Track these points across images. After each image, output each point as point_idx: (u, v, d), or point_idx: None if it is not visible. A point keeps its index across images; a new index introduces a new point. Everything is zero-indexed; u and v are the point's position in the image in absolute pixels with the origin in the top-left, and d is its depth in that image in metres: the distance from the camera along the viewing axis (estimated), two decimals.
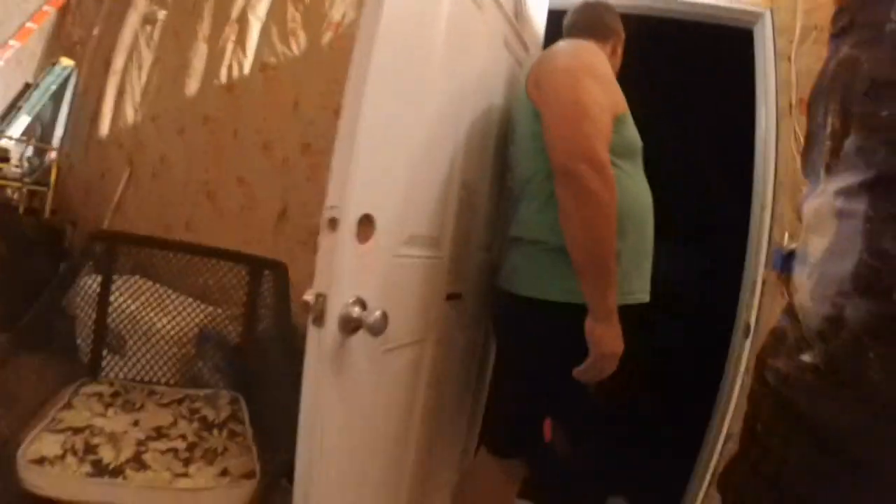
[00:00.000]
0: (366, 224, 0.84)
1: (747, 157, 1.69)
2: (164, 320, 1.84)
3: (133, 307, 1.81)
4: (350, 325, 0.82)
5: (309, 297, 0.80)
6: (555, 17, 1.55)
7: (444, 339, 1.23)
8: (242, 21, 2.59)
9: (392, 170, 0.91)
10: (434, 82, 1.01)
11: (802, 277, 0.63)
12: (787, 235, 1.54)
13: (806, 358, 0.59)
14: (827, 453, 0.57)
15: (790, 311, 0.66)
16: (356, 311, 0.82)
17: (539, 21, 1.61)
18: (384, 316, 0.82)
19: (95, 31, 4.05)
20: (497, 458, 1.26)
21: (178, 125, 2.85)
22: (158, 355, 1.77)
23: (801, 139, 1.36)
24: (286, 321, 1.61)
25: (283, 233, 2.18)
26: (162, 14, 3.27)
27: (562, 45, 1.19)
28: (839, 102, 0.62)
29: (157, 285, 1.89)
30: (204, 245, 1.99)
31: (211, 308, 1.89)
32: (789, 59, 1.62)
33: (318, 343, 0.79)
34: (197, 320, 1.86)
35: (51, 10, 4.80)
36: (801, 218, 0.70)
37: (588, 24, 1.31)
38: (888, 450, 0.54)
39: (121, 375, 1.69)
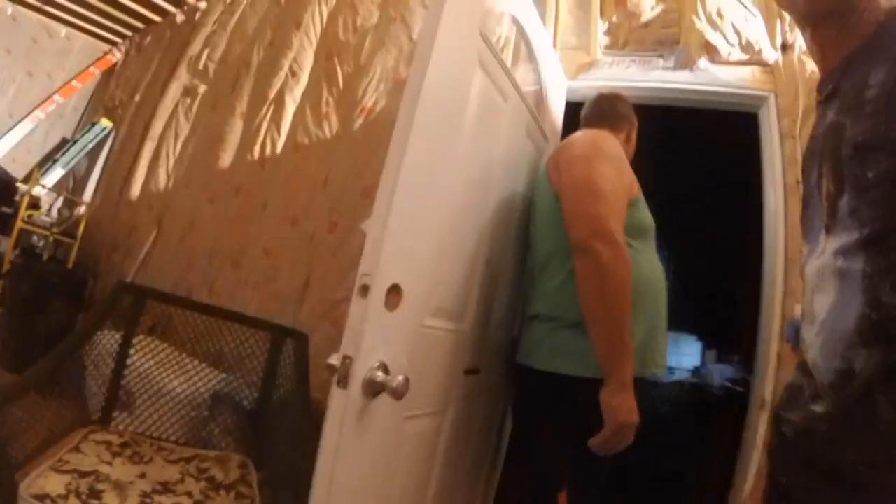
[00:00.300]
0: (394, 293, 0.88)
1: (757, 234, 1.74)
2: (178, 381, 1.83)
3: (148, 366, 1.82)
4: (373, 389, 0.84)
5: (334, 360, 0.83)
6: (571, 109, 1.68)
7: (462, 412, 1.23)
8: (279, 101, 2.72)
9: (422, 244, 0.97)
10: (462, 166, 1.08)
11: (811, 336, 0.65)
12: (799, 308, 1.55)
13: (818, 408, 0.61)
14: (840, 486, 0.58)
15: (803, 368, 0.67)
16: (380, 375, 0.84)
17: (557, 112, 1.72)
18: (406, 381, 0.84)
19: (137, 97, 4.32)
20: None
21: (209, 193, 2.92)
22: (169, 414, 1.77)
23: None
24: (303, 390, 1.60)
25: (304, 305, 2.18)
26: (203, 88, 3.48)
27: (579, 134, 1.30)
28: (831, 166, 0.66)
29: (173, 348, 1.89)
30: (228, 309, 2.00)
31: (224, 374, 1.88)
32: (794, 138, 1.69)
33: (341, 403, 0.81)
34: (210, 385, 1.86)
35: (97, 72, 5.15)
36: (803, 279, 0.72)
37: (603, 114, 1.41)
38: None
39: (131, 428, 1.69)
